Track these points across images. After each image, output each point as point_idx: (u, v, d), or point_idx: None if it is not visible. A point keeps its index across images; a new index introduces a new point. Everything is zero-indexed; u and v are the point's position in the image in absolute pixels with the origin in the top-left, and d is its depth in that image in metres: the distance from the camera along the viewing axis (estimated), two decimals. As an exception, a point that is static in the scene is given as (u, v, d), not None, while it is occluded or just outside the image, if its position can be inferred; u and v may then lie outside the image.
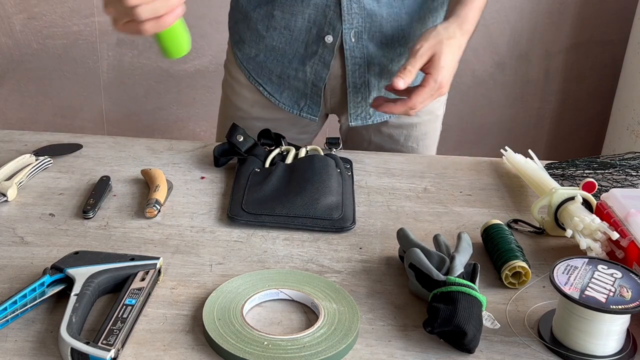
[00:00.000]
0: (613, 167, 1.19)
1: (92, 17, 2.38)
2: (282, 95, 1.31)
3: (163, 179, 1.09)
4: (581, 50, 2.47)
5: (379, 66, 1.25)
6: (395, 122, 1.34)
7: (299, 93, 1.29)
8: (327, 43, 1.21)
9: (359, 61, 1.24)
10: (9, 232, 0.98)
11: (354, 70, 1.24)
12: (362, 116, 1.30)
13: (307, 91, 1.28)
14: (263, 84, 1.31)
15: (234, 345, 0.76)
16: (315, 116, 1.31)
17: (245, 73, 1.32)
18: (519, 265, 0.89)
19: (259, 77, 1.31)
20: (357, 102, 1.28)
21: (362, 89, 1.27)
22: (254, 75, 1.31)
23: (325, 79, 1.25)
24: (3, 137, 1.25)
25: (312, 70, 1.25)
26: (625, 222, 0.93)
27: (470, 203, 1.11)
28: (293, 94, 1.30)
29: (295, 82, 1.28)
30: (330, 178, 1.09)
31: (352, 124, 1.30)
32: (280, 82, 1.29)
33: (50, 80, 2.48)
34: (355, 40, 1.21)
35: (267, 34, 1.25)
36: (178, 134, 2.57)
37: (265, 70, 1.29)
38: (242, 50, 1.31)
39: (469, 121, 2.55)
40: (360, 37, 1.21)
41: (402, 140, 1.36)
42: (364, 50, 1.23)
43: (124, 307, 0.79)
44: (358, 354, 0.78)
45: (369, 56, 1.24)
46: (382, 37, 1.22)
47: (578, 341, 0.78)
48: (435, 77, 1.10)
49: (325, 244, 0.98)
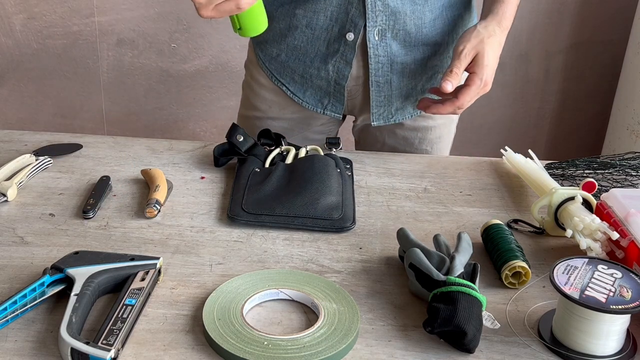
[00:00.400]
0: (613, 167, 1.19)
1: (92, 17, 2.38)
2: (305, 94, 1.31)
3: (163, 179, 1.09)
4: (581, 50, 2.47)
5: (401, 65, 1.25)
6: (411, 124, 1.33)
7: (322, 91, 1.29)
8: (348, 41, 1.21)
9: (382, 60, 1.23)
10: (9, 232, 0.98)
11: (377, 69, 1.24)
12: (384, 115, 1.30)
13: (330, 89, 1.28)
14: (286, 83, 1.31)
15: (234, 345, 0.76)
16: (339, 114, 1.31)
17: (267, 73, 1.32)
18: (519, 265, 0.89)
19: (281, 77, 1.31)
20: (380, 101, 1.28)
21: (385, 88, 1.26)
22: (276, 75, 1.31)
23: (347, 76, 1.25)
24: (3, 137, 1.25)
25: (334, 68, 1.25)
26: (625, 222, 0.93)
27: (470, 203, 1.11)
28: (316, 93, 1.30)
29: (318, 81, 1.28)
30: (330, 178, 1.09)
31: (375, 123, 1.30)
32: (303, 82, 1.29)
33: (50, 80, 2.48)
34: (379, 38, 1.21)
35: (289, 33, 1.25)
36: (178, 134, 2.57)
37: (288, 70, 1.29)
38: (264, 50, 1.31)
39: (469, 121, 2.54)
40: (384, 36, 1.21)
41: (416, 143, 1.35)
42: (387, 49, 1.22)
43: (124, 307, 0.79)
44: (358, 354, 0.78)
45: (392, 55, 1.23)
46: (406, 35, 1.22)
47: (578, 341, 0.78)
48: (480, 75, 1.13)
49: (325, 244, 0.98)
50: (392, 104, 1.29)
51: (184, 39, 2.40)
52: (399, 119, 1.32)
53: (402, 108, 1.30)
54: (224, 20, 1.39)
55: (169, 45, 2.42)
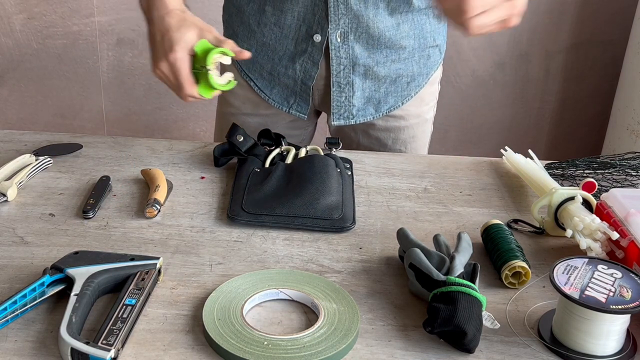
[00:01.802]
0: (613, 167, 1.19)
1: (92, 17, 2.38)
2: (272, 92, 1.31)
3: (163, 179, 1.09)
4: (581, 50, 2.47)
5: (364, 67, 1.26)
6: (383, 125, 1.34)
7: (288, 90, 1.30)
8: (315, 42, 1.22)
9: (344, 62, 1.24)
10: (9, 232, 0.98)
11: (338, 71, 1.25)
12: (344, 116, 1.30)
13: (297, 89, 1.29)
14: (254, 79, 1.31)
15: (234, 345, 0.76)
16: (304, 114, 1.31)
17: (237, 67, 1.32)
18: (519, 265, 0.89)
19: (250, 72, 1.31)
20: (340, 102, 1.29)
21: (347, 89, 1.27)
22: (245, 70, 1.32)
23: (314, 77, 1.26)
24: (3, 137, 1.25)
25: (301, 68, 1.26)
26: (625, 222, 0.93)
27: (470, 203, 1.11)
28: (283, 91, 1.31)
29: (285, 79, 1.29)
30: (330, 178, 1.09)
31: (335, 123, 1.31)
32: (270, 79, 1.30)
33: (50, 80, 2.48)
34: (341, 40, 1.22)
35: (258, 30, 1.25)
36: (178, 134, 2.57)
37: (257, 65, 1.30)
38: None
39: (469, 121, 2.55)
40: (346, 38, 1.22)
41: (389, 144, 1.36)
42: (350, 51, 1.23)
43: (124, 307, 0.79)
44: (358, 354, 0.78)
45: (355, 57, 1.24)
46: (369, 38, 1.22)
47: (578, 341, 0.78)
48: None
49: (325, 244, 0.98)
50: (352, 105, 1.29)
51: (184, 39, 2.39)
52: (360, 120, 1.32)
53: (364, 109, 1.31)
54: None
55: (169, 45, 2.42)
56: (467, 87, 2.47)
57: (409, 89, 1.32)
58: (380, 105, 1.32)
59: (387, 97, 1.31)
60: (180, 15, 1.02)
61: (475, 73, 2.46)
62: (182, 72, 0.99)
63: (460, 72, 2.45)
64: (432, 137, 1.47)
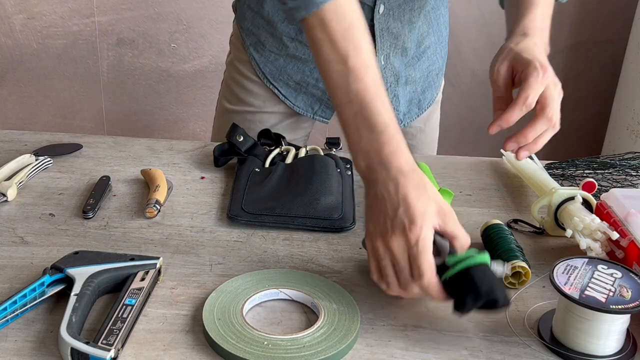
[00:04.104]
0: (613, 167, 1.19)
1: (92, 17, 2.38)
2: (297, 99, 1.31)
3: (163, 179, 1.09)
4: (581, 50, 2.47)
5: (405, 77, 1.29)
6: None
7: (314, 98, 1.30)
8: None
9: (389, 79, 1.27)
10: (9, 232, 0.98)
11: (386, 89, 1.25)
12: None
13: (325, 97, 1.29)
14: (279, 87, 1.30)
15: (234, 345, 0.76)
16: (327, 119, 1.33)
17: (259, 74, 1.31)
18: (519, 265, 0.89)
19: (275, 80, 1.30)
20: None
21: (394, 102, 1.30)
22: (269, 78, 1.30)
23: None
24: (3, 137, 1.25)
25: None
26: (625, 222, 0.93)
27: (470, 203, 1.11)
28: (308, 99, 1.31)
29: (313, 90, 1.29)
30: (330, 178, 1.09)
31: None
32: (297, 88, 1.30)
33: (50, 80, 2.48)
34: (385, 62, 1.25)
35: (292, 45, 1.25)
36: (178, 134, 2.57)
37: (284, 74, 1.29)
38: (260, 52, 1.29)
39: (469, 121, 2.54)
40: (387, 58, 1.25)
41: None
42: (392, 69, 1.27)
43: (124, 307, 0.79)
44: (358, 354, 0.78)
45: (397, 72, 1.28)
46: (404, 51, 1.26)
47: (578, 341, 0.78)
48: (545, 113, 0.99)
49: (325, 244, 0.98)
50: (399, 112, 1.33)
51: (184, 39, 2.40)
52: (407, 123, 1.36)
53: (409, 112, 1.35)
54: (223, 20, 1.39)
55: (169, 45, 2.42)
56: (467, 87, 2.47)
57: (438, 80, 1.38)
58: (421, 103, 1.36)
59: (425, 94, 1.36)
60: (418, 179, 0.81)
61: (475, 73, 2.46)
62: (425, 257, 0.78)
63: (460, 72, 2.44)
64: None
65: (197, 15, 2.31)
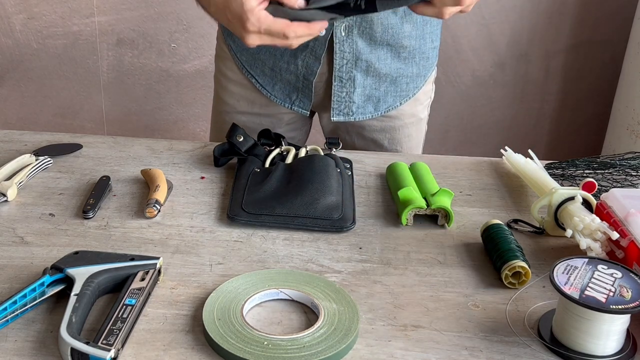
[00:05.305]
0: (613, 167, 1.19)
1: (92, 17, 2.38)
2: (274, 88, 1.32)
3: (163, 179, 1.09)
4: (581, 50, 2.47)
5: (366, 62, 1.26)
6: (378, 125, 1.35)
7: (290, 86, 1.30)
8: (319, 36, 1.22)
9: (347, 56, 1.25)
10: (9, 232, 0.98)
11: (341, 65, 1.25)
12: (344, 112, 1.31)
13: (299, 84, 1.29)
14: (256, 75, 1.32)
15: (234, 345, 0.76)
16: (306, 110, 1.32)
17: (238, 64, 1.32)
18: (519, 265, 0.89)
19: (251, 68, 1.32)
20: (341, 97, 1.29)
21: (348, 85, 1.28)
22: (247, 66, 1.32)
23: (316, 72, 1.26)
24: (3, 137, 1.25)
25: (303, 63, 1.26)
26: (625, 222, 0.93)
27: (470, 203, 1.11)
28: (285, 87, 1.31)
29: (287, 75, 1.29)
30: (330, 178, 1.09)
31: (334, 119, 1.31)
32: (272, 75, 1.30)
33: (50, 80, 2.48)
34: (346, 34, 1.22)
35: None
36: (178, 134, 2.57)
37: (258, 62, 1.30)
38: (236, 41, 1.32)
39: (469, 121, 2.55)
40: (350, 32, 1.22)
41: (385, 144, 1.37)
42: (353, 45, 1.24)
43: (124, 307, 0.79)
44: (358, 354, 0.78)
45: (357, 51, 1.25)
46: (372, 33, 1.23)
47: (578, 341, 0.78)
48: None
49: (325, 244, 0.98)
50: (352, 101, 1.30)
51: (184, 39, 2.40)
52: (359, 117, 1.33)
53: (363, 107, 1.32)
54: (224, 20, 1.39)
55: (169, 45, 2.42)
56: (467, 87, 2.47)
57: (407, 90, 1.33)
58: (380, 104, 1.32)
59: (387, 97, 1.32)
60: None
61: (475, 73, 2.46)
62: (269, 21, 0.93)
63: (460, 72, 2.44)
64: (432, 137, 1.47)
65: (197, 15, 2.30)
